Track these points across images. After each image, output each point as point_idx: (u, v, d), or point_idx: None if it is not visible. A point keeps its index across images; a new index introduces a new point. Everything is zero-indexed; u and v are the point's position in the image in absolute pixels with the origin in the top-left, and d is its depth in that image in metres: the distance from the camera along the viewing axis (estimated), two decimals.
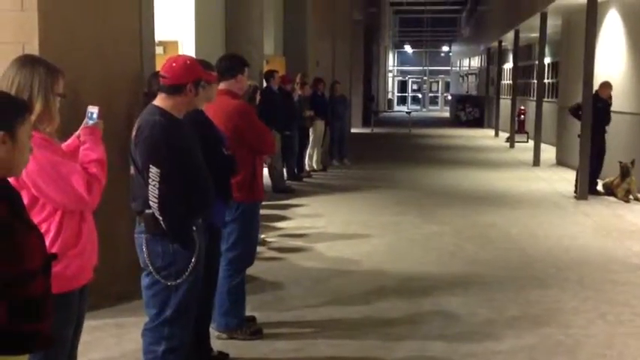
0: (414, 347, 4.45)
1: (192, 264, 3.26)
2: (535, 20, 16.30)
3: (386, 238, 7.67)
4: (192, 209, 3.32)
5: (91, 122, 2.98)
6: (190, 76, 3.34)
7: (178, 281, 3.26)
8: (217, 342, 4.29)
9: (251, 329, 4.54)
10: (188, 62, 3.42)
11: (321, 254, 6.86)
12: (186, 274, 3.26)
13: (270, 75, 10.71)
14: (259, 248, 6.66)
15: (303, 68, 14.77)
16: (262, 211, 7.86)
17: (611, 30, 12.57)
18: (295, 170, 11.93)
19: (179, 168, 3.24)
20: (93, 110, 2.99)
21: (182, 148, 3.28)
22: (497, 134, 23.93)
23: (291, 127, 10.84)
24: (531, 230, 8.11)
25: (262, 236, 7.24)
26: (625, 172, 10.20)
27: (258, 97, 5.67)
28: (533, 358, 4.28)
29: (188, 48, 9.53)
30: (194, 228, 3.31)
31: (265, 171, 10.42)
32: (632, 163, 10.15)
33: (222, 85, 4.38)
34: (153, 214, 3.19)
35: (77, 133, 2.99)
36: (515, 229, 8.20)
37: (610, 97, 10.73)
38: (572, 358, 4.29)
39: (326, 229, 8.01)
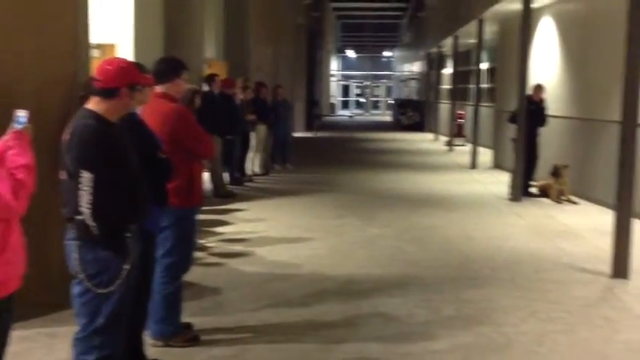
0: (352, 349, 4.50)
1: (124, 271, 3.22)
2: (473, 26, 16.69)
3: (327, 241, 7.71)
4: (125, 215, 3.27)
5: (19, 126, 2.92)
6: (125, 79, 3.31)
7: (110, 289, 3.21)
8: (152, 350, 4.24)
9: (187, 336, 4.50)
10: (123, 65, 3.38)
11: (262, 258, 6.85)
12: (118, 281, 3.21)
13: (210, 79, 10.65)
14: (199, 254, 6.62)
15: (245, 72, 14.72)
16: (202, 216, 7.83)
17: (545, 36, 12.97)
18: (237, 175, 11.88)
19: (112, 173, 3.19)
20: (21, 114, 2.92)
21: (116, 152, 3.23)
22: (436, 138, 24.36)
23: (232, 132, 10.80)
24: (468, 232, 8.29)
25: (202, 241, 7.19)
26: (558, 174, 10.54)
27: (197, 101, 5.63)
28: (468, 357, 4.37)
29: (126, 51, 9.39)
30: (127, 234, 3.27)
31: (206, 175, 10.38)
32: (565, 166, 10.50)
33: (159, 89, 4.34)
34: (84, 220, 3.13)
35: (4, 137, 2.92)
36: (453, 230, 8.37)
37: (542, 100, 11.07)
38: (504, 355, 4.40)
39: (267, 234, 8.01)
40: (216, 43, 14.80)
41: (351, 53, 53.33)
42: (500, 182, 12.11)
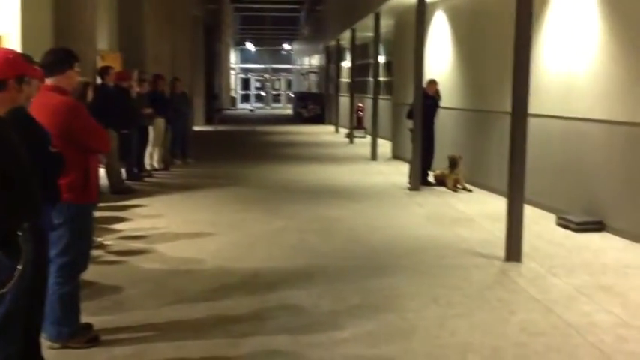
0: (259, 342, 4.46)
1: (17, 272, 3.04)
2: (370, 20, 16.95)
3: (230, 235, 7.62)
4: (16, 213, 3.09)
5: None
6: (13, 70, 3.13)
7: (3, 291, 3.02)
8: (50, 352, 4.04)
9: (87, 337, 4.32)
10: (9, 56, 3.20)
11: (163, 255, 6.69)
12: (11, 283, 3.03)
13: (104, 71, 10.28)
14: (97, 252, 6.39)
15: (141, 64, 14.32)
16: (100, 213, 7.56)
17: (439, 30, 13.35)
18: (135, 170, 11.54)
19: (1, 170, 3.00)
20: None
21: (3, 147, 3.04)
22: (337, 130, 24.63)
23: (128, 126, 10.46)
24: (370, 222, 8.42)
25: (100, 239, 6.94)
26: (453, 164, 10.90)
27: (90, 94, 5.39)
28: (374, 344, 4.43)
29: (13, 43, 8.93)
30: (19, 233, 3.09)
31: (102, 171, 10.02)
32: (460, 157, 10.88)
33: (49, 81, 4.14)
34: None
35: None
36: (357, 221, 8.48)
37: (437, 93, 11.40)
38: (408, 341, 4.50)
39: (168, 229, 7.82)
40: (109, 33, 14.31)
41: (250, 46, 52.99)
42: (400, 173, 12.39)
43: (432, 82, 11.42)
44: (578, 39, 8.37)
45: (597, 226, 7.69)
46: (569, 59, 8.58)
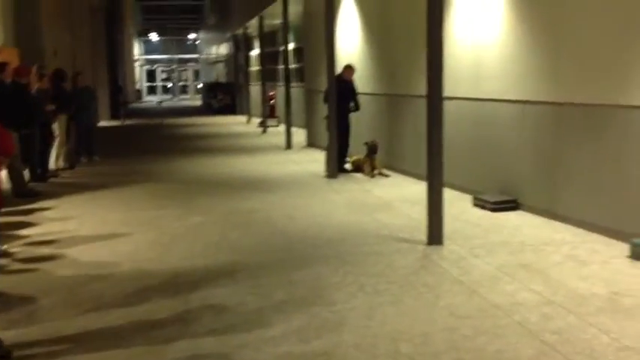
0: (185, 347, 4.26)
1: None
2: (277, 7, 16.77)
3: (146, 234, 7.33)
4: None
5: None
6: None
7: None
8: None
9: None
10: None
11: (76, 260, 6.34)
12: None
13: (1, 68, 9.67)
14: (2, 261, 6.01)
15: (40, 59, 13.63)
16: (3, 219, 7.10)
17: (348, 15, 13.34)
18: (39, 171, 10.97)
19: None
20: None
21: None
22: (249, 120, 24.38)
23: (30, 124, 9.90)
24: (290, 212, 8.31)
25: (4, 247, 6.51)
26: (370, 150, 10.94)
27: None
28: (304, 339, 4.33)
29: None
30: None
31: (3, 174, 9.45)
32: (375, 143, 10.93)
33: None
34: None
35: None
36: (275, 212, 8.35)
37: (351, 80, 11.38)
38: (338, 333, 4.42)
39: (79, 232, 7.44)
40: (3, 27, 13.51)
41: (154, 36, 51.65)
42: (316, 161, 12.34)
43: (349, 68, 11.39)
44: (485, 22, 8.51)
45: (512, 205, 7.88)
46: (477, 41, 8.72)
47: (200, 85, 45.21)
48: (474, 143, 8.85)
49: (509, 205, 7.89)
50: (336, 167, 10.94)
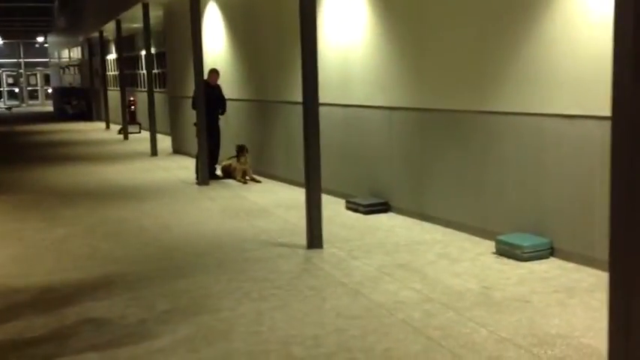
0: None
1: None
2: (137, 10, 16.27)
3: (8, 249, 6.85)
4: None
5: None
6: None
7: None
8: None
9: None
10: None
11: None
12: None
13: None
14: None
15: None
16: None
17: (213, 21, 13.20)
18: None
19: None
20: None
21: None
22: (108, 126, 23.47)
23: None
24: (163, 220, 8.09)
25: None
26: (238, 150, 10.88)
27: None
28: (194, 349, 4.22)
29: None
30: None
31: None
32: (245, 147, 10.89)
33: None
34: None
35: None
36: (148, 221, 8.10)
37: (218, 85, 11.26)
38: (228, 341, 4.35)
39: None
40: None
41: None
42: (185, 167, 12.10)
43: (213, 72, 11.27)
44: (352, 30, 8.74)
45: (384, 208, 8.14)
46: (345, 49, 8.93)
47: (51, 90, 42.88)
48: (345, 149, 9.06)
49: (381, 207, 8.14)
50: (207, 174, 10.79)
